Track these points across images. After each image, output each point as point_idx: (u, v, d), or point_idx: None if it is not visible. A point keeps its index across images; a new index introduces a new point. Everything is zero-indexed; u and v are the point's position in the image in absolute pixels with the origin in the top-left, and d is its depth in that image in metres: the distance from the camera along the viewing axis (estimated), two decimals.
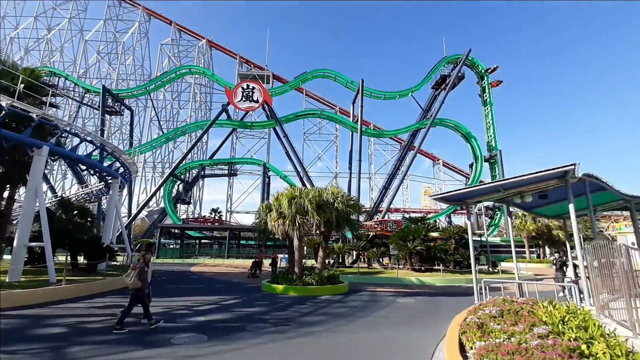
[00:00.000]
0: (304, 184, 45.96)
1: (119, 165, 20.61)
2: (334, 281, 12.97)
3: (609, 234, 38.54)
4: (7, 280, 12.18)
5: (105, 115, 48.58)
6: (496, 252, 33.75)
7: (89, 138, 16.60)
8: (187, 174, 53.37)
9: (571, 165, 6.65)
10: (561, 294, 10.46)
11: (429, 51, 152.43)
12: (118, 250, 20.94)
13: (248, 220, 68.98)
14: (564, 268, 11.95)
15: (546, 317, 5.06)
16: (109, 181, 20.30)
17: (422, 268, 19.60)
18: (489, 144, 52.64)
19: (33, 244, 13.92)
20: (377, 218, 42.11)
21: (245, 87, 47.36)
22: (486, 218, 54.93)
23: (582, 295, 7.80)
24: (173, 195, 49.45)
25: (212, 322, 7.82)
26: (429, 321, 8.12)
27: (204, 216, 56.12)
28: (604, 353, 3.43)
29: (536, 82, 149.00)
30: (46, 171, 35.89)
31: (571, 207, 7.50)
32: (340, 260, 24.29)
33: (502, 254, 34.58)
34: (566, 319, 4.91)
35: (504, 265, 29.03)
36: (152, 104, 63.19)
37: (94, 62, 69.95)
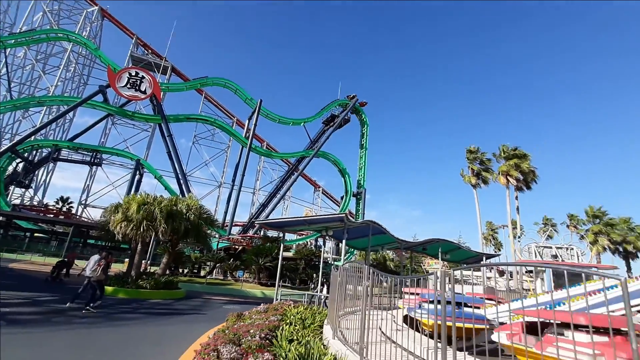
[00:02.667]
0: (181, 188, 44.15)
1: None
2: (170, 287, 13.80)
3: (425, 268, 49.46)
4: None
5: None
6: None
7: None
8: (34, 153, 44.43)
9: (343, 214, 9.81)
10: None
11: (327, 87, 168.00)
12: None
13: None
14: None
15: (290, 313, 7.57)
16: None
17: (269, 283, 21.89)
18: (359, 182, 61.25)
19: None
20: (250, 233, 43.56)
21: (132, 74, 43.50)
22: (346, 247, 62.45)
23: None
24: (7, 174, 40.36)
25: (19, 314, 7.96)
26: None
27: (47, 205, 47.10)
28: (285, 333, 5.86)
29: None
30: None
31: (334, 246, 10.77)
32: (195, 270, 24.64)
33: None
34: (303, 316, 7.49)
35: None
36: (6, 59, 51.03)
37: None
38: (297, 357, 3.65)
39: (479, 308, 6.31)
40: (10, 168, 41.59)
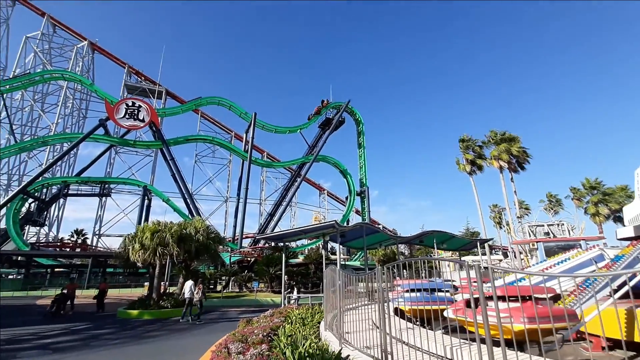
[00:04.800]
0: (189, 208, 45.60)
1: None
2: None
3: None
4: None
5: None
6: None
7: None
8: (45, 192, 46.17)
9: (333, 221, 10.91)
10: None
11: (320, 91, 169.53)
12: None
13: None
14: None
15: (293, 314, 8.68)
16: None
17: (281, 290, 23.00)
18: (361, 181, 62.21)
19: None
20: (260, 244, 44.77)
21: (130, 104, 45.10)
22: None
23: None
24: (21, 215, 42.07)
25: (60, 342, 9.17)
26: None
27: (62, 239, 48.83)
28: (285, 331, 6.96)
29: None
30: None
31: (334, 246, 11.87)
32: (211, 286, 25.85)
33: None
34: (304, 316, 8.59)
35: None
36: (4, 102, 52.99)
37: None
38: (287, 344, 4.75)
39: (448, 292, 7.37)
40: (24, 209, 43.29)
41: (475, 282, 3.64)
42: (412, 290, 7.92)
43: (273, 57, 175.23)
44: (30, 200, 43.30)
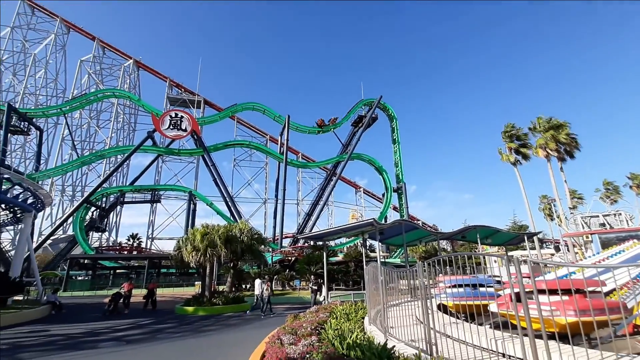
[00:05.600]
0: (230, 211, 47.88)
1: (32, 198, 20.87)
2: (238, 301, 15.99)
3: (481, 252, 48.20)
4: None
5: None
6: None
7: (7, 175, 17.28)
8: (104, 200, 50.82)
9: (372, 219, 11.10)
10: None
11: (351, 90, 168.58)
12: (27, 285, 20.60)
13: (170, 246, 66.52)
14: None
15: (337, 310, 9.04)
16: (20, 215, 20.42)
17: None
18: (397, 177, 61.14)
19: None
20: (300, 243, 45.79)
21: (173, 116, 48.28)
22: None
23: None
24: (86, 222, 46.68)
25: (130, 335, 10.32)
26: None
27: (120, 243, 53.37)
28: (331, 325, 7.34)
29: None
30: None
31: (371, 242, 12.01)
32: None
33: None
34: (348, 311, 8.94)
35: None
36: (66, 121, 59.06)
37: None
38: (335, 336, 5.10)
39: (491, 287, 7.32)
40: (87, 217, 47.98)
41: (522, 276, 3.73)
42: (456, 286, 7.95)
43: (301, 58, 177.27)
44: (93, 208, 47.88)
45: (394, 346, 4.59)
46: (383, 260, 42.30)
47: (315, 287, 17.22)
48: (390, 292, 6.53)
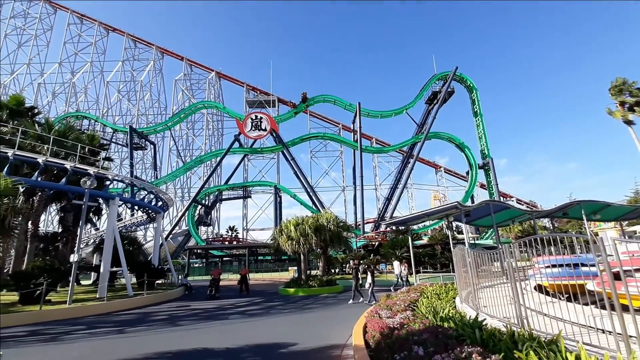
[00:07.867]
0: (312, 200, 50.81)
1: (161, 202, 25.80)
2: (331, 284, 17.56)
3: (591, 230, 41.71)
4: (97, 296, 17.11)
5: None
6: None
7: (138, 183, 21.84)
8: (207, 199, 58.85)
9: (456, 202, 11.12)
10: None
11: (422, 67, 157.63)
12: (167, 271, 25.83)
13: (262, 236, 73.52)
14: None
15: (427, 290, 9.58)
16: (152, 215, 25.48)
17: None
18: (482, 152, 56.43)
19: (114, 268, 18.91)
20: (382, 228, 46.29)
21: (254, 118, 52.97)
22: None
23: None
24: (195, 218, 54.87)
25: (249, 311, 12.55)
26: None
27: (222, 235, 61.17)
28: (423, 303, 7.95)
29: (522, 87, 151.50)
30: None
31: (461, 223, 11.97)
32: (343, 269, 28.72)
33: None
34: (438, 292, 9.43)
35: None
36: (171, 134, 69.48)
37: (115, 100, 77.20)
38: (428, 311, 5.76)
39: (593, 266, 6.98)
40: (196, 214, 56.28)
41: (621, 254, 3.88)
42: (554, 266, 7.77)
43: (366, 38, 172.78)
44: (199, 206, 55.92)
45: (485, 319, 5.08)
46: (472, 242, 40.09)
47: (360, 270, 14.95)
48: (482, 273, 6.84)
